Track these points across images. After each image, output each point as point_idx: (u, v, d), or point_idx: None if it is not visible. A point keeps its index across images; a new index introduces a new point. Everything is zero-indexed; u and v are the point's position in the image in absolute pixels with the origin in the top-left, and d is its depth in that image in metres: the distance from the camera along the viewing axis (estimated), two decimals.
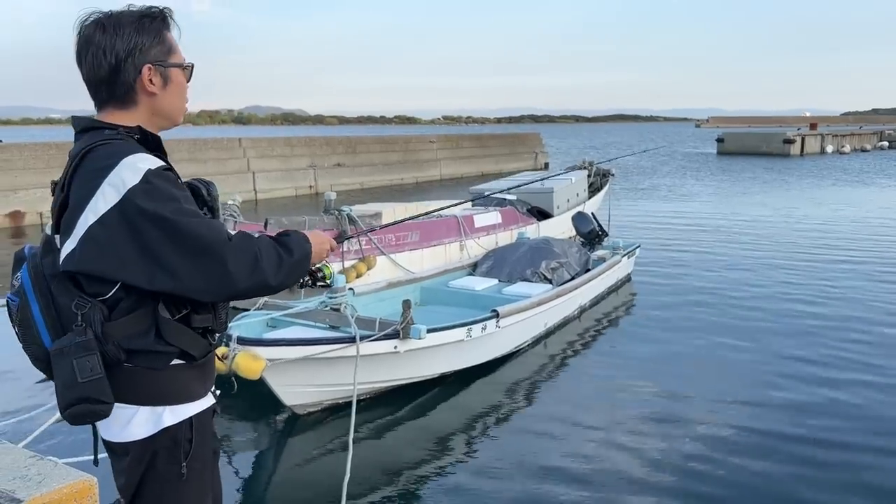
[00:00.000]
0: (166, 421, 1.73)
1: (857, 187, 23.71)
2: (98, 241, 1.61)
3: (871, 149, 51.35)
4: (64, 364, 1.61)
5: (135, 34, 1.70)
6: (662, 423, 5.03)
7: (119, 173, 1.61)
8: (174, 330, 1.71)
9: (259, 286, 1.72)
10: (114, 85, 1.71)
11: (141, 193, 1.60)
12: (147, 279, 1.62)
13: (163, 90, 1.76)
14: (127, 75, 1.70)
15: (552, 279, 7.68)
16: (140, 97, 1.74)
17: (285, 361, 4.77)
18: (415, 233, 8.74)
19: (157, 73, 1.74)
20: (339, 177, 23.53)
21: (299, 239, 1.84)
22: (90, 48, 1.69)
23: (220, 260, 1.64)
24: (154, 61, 1.73)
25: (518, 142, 34.26)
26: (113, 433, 1.76)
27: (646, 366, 6.18)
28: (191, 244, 1.62)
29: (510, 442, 4.84)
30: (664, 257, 10.99)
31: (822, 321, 7.47)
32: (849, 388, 5.65)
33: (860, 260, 10.75)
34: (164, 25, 1.76)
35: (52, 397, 5.36)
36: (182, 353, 1.74)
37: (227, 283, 1.66)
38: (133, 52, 1.69)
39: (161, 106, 1.78)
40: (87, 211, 1.61)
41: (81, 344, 1.61)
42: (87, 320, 1.63)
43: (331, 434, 4.94)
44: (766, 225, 14.67)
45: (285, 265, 1.76)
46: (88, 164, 1.65)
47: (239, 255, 1.67)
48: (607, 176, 15.37)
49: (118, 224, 1.60)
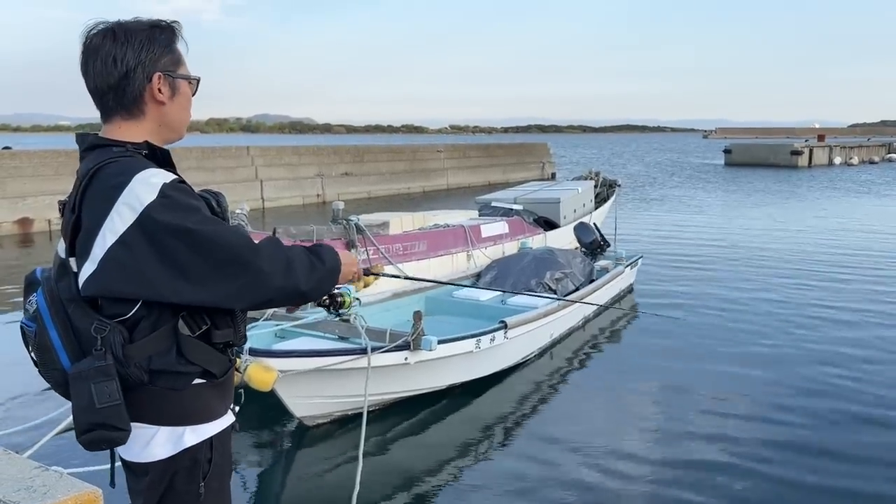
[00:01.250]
0: (187, 441, 1.71)
1: (866, 200, 23.62)
2: (120, 261, 1.57)
3: (880, 161, 51.19)
4: (82, 388, 1.58)
5: (146, 42, 1.68)
6: (667, 434, 5.01)
7: (133, 190, 1.57)
8: (195, 348, 1.67)
9: (291, 290, 1.69)
10: (123, 93, 1.68)
11: (160, 208, 1.56)
12: (177, 294, 1.59)
13: (171, 100, 1.74)
14: (137, 83, 1.68)
15: (556, 289, 7.67)
16: (148, 107, 1.72)
17: (296, 373, 4.76)
18: (422, 242, 8.74)
19: (166, 82, 1.72)
20: (346, 185, 23.59)
21: (331, 251, 1.82)
22: (99, 56, 1.66)
23: (251, 264, 1.61)
24: (164, 70, 1.71)
25: (525, 151, 34.30)
26: (133, 453, 1.74)
27: (649, 377, 6.16)
28: (219, 252, 1.59)
29: (519, 454, 4.82)
30: (669, 268, 10.96)
31: (829, 334, 7.43)
32: (853, 401, 5.60)
33: (867, 273, 10.70)
34: (173, 37, 1.75)
35: (57, 407, 5.38)
36: (203, 373, 1.71)
37: (260, 287, 1.63)
38: (144, 61, 1.68)
39: (168, 116, 1.76)
40: (103, 231, 1.57)
41: (100, 369, 1.58)
42: (106, 344, 1.59)
43: (340, 446, 4.93)
44: (772, 237, 14.62)
45: (317, 272, 1.74)
46: (99, 184, 1.61)
47: (272, 258, 1.64)
48: (614, 186, 15.35)
49: (140, 242, 1.56)
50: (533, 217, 11.20)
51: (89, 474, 4.25)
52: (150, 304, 1.62)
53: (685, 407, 5.47)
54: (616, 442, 4.89)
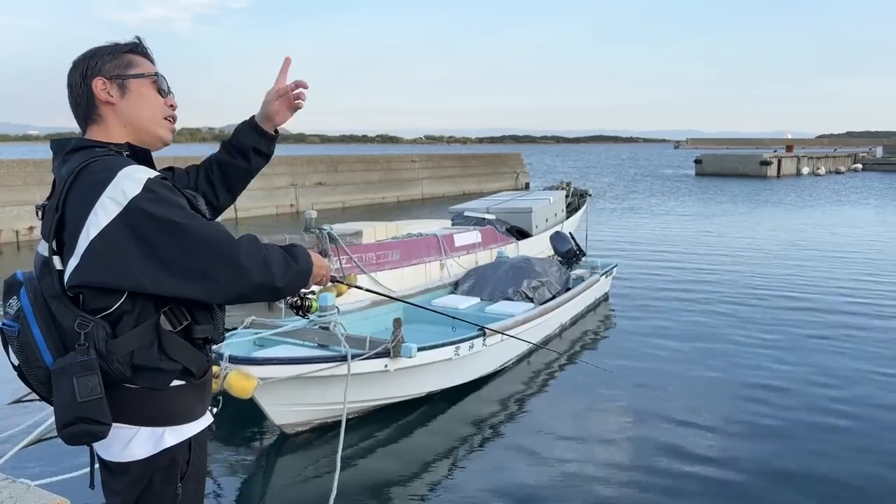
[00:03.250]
0: (167, 441, 1.74)
1: (832, 208, 24.09)
2: (102, 252, 1.61)
3: (846, 171, 52.25)
4: (64, 383, 1.60)
5: (89, 59, 1.79)
6: (640, 440, 5.08)
7: (118, 185, 1.62)
8: (175, 344, 1.72)
9: (267, 285, 1.74)
10: (79, 108, 1.80)
11: (144, 201, 1.61)
12: (158, 285, 1.63)
13: (122, 99, 1.80)
14: (84, 94, 1.79)
15: (533, 298, 7.74)
16: (103, 110, 1.79)
17: (277, 380, 4.74)
18: (395, 251, 8.76)
19: (113, 83, 1.79)
20: (320, 195, 23.53)
21: (304, 252, 1.88)
22: (68, 86, 1.81)
23: (231, 260, 1.67)
24: (108, 75, 1.79)
25: (499, 162, 34.48)
26: (113, 453, 1.75)
27: (625, 383, 6.23)
28: (201, 246, 1.65)
29: (497, 460, 4.85)
30: (640, 276, 11.09)
31: (796, 336, 7.60)
32: (823, 401, 5.74)
33: (833, 277, 10.93)
34: (124, 48, 1.84)
35: (24, 419, 5.31)
36: (183, 372, 1.75)
37: (238, 282, 1.68)
38: (87, 73, 1.78)
39: (126, 114, 1.81)
40: (87, 225, 1.62)
41: (83, 363, 1.61)
42: (89, 339, 1.63)
43: (319, 454, 4.92)
44: (741, 244, 14.86)
45: (291, 270, 1.79)
46: (84, 180, 1.66)
47: (250, 254, 1.70)
48: (585, 196, 15.53)
49: (122, 233, 1.60)
50: (505, 226, 11.29)
51: (56, 485, 4.21)
52: (133, 297, 1.66)
53: (659, 414, 5.55)
54: (592, 448, 4.95)
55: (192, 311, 1.74)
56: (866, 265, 12.34)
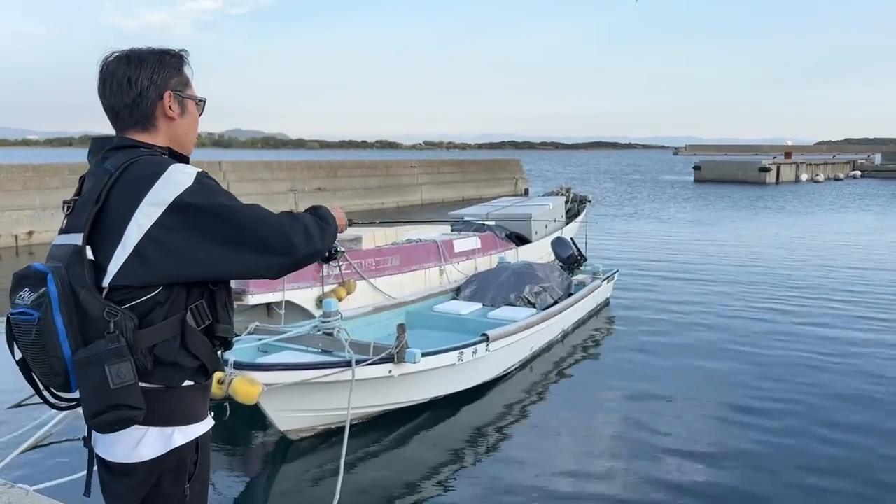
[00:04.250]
0: (176, 441, 1.76)
1: (833, 215, 24.11)
2: (162, 243, 1.67)
3: (844, 177, 52.30)
4: (93, 372, 1.62)
5: (157, 65, 1.85)
6: (642, 446, 5.07)
7: (170, 178, 1.71)
8: (198, 340, 1.78)
9: (313, 252, 1.88)
10: (137, 109, 1.83)
11: (195, 192, 1.71)
12: (221, 265, 1.74)
13: (180, 117, 1.89)
14: (150, 100, 1.83)
15: (535, 303, 7.73)
16: (160, 122, 1.86)
17: (281, 386, 4.73)
18: (395, 257, 8.75)
19: (175, 100, 1.87)
20: (319, 201, 23.25)
21: (327, 210, 2.06)
22: (115, 78, 1.82)
23: (283, 234, 1.80)
24: (174, 89, 1.87)
25: (498, 167, 34.50)
26: (120, 454, 1.76)
27: (627, 388, 6.23)
28: (255, 226, 1.76)
29: (500, 466, 4.84)
30: (641, 282, 11.09)
31: (794, 341, 7.60)
32: (819, 407, 5.74)
33: (830, 283, 10.92)
34: (181, 62, 1.93)
35: (22, 424, 5.28)
36: (196, 371, 1.80)
37: (292, 254, 1.82)
38: (156, 81, 1.84)
39: (178, 132, 1.90)
40: (136, 216, 1.67)
41: (115, 350, 1.63)
42: (119, 328, 1.65)
43: (322, 459, 4.90)
44: (740, 251, 14.87)
45: (327, 232, 1.95)
46: (133, 174, 1.72)
47: (294, 227, 1.84)
48: (584, 202, 15.51)
49: (179, 223, 1.68)
50: (505, 232, 11.28)
51: (55, 490, 4.19)
52: (169, 289, 1.72)
53: (660, 420, 5.55)
54: (595, 455, 4.94)
55: (216, 310, 1.81)
56: (868, 275, 12.30)
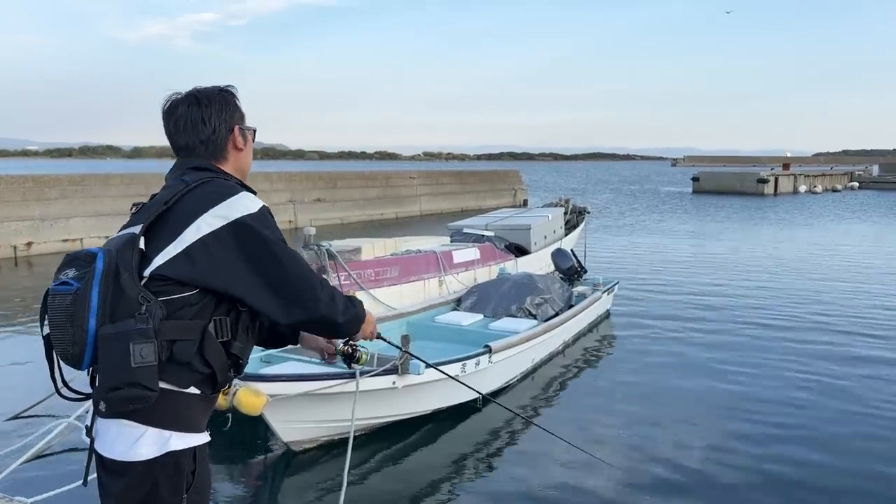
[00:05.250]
0: (172, 445, 1.82)
1: (831, 226, 24.15)
2: (209, 249, 1.82)
3: (842, 189, 52.41)
4: (117, 348, 1.71)
5: (224, 104, 2.06)
6: (643, 455, 5.07)
7: (240, 200, 1.89)
8: (214, 350, 1.87)
9: (330, 319, 1.99)
10: (212, 145, 2.03)
11: (256, 220, 1.88)
12: (248, 293, 1.86)
13: (244, 148, 2.11)
14: (222, 137, 2.04)
15: (536, 315, 7.73)
16: (230, 154, 2.07)
17: (285, 397, 4.73)
18: (394, 268, 8.75)
19: (240, 134, 2.09)
20: (318, 212, 23.54)
21: (361, 303, 2.16)
22: (188, 119, 2.01)
23: (312, 289, 1.93)
24: (239, 124, 2.09)
25: (497, 178, 34.56)
26: (117, 451, 1.82)
27: (628, 402, 6.22)
28: (292, 270, 1.90)
29: (502, 478, 4.83)
30: (641, 294, 11.09)
31: (794, 352, 7.58)
32: (822, 418, 5.73)
33: (833, 298, 10.92)
34: (236, 98, 2.13)
35: (20, 436, 5.26)
36: (205, 379, 1.88)
37: (312, 307, 1.93)
38: (225, 118, 2.05)
39: (242, 161, 2.12)
40: (198, 222, 1.83)
41: (142, 331, 1.73)
42: (149, 312, 1.75)
43: (325, 471, 4.89)
44: (740, 262, 14.88)
45: (350, 312, 2.05)
46: (207, 189, 1.90)
47: (325, 289, 1.98)
48: (583, 213, 15.53)
49: (231, 239, 1.83)
50: (504, 243, 11.28)
51: (52, 502, 4.17)
52: (203, 294, 1.85)
53: (662, 433, 5.54)
54: (597, 468, 4.91)
55: (237, 330, 1.93)
56: (869, 287, 12.29)
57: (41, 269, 14.26)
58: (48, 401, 5.69)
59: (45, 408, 5.73)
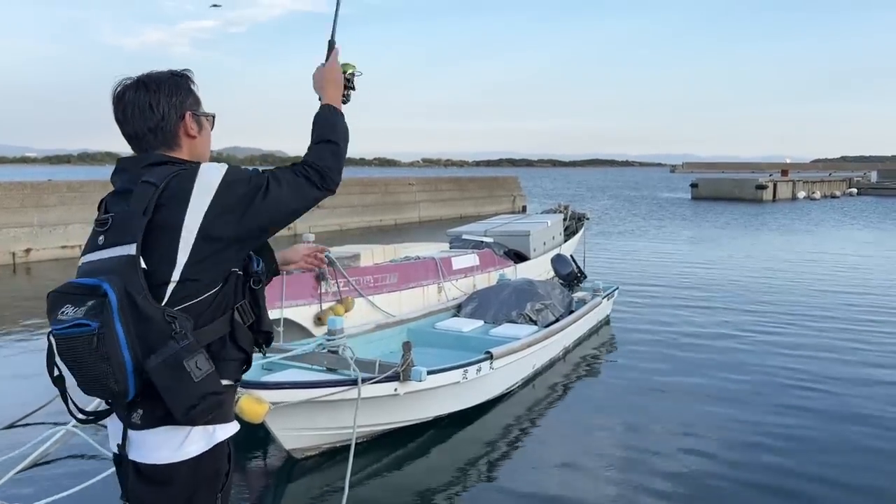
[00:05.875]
0: (218, 437, 1.88)
1: (831, 232, 24.17)
2: (222, 214, 1.81)
3: (841, 195, 52.49)
4: (174, 373, 1.70)
5: (174, 88, 1.98)
6: (647, 464, 5.04)
7: (206, 172, 1.85)
8: (245, 335, 1.93)
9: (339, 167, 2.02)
10: (161, 132, 1.95)
11: (234, 172, 1.87)
12: (282, 204, 1.89)
13: (199, 135, 2.03)
14: (172, 123, 1.96)
15: (537, 320, 7.72)
16: (182, 141, 1.99)
17: (287, 404, 4.71)
18: (393, 275, 8.74)
19: (193, 119, 2.01)
20: (317, 218, 23.54)
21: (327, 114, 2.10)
22: (135, 105, 1.93)
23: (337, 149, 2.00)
24: (191, 109, 2.01)
25: (496, 185, 34.60)
26: (164, 455, 1.81)
27: (630, 409, 6.19)
28: (290, 172, 1.93)
29: (505, 485, 4.80)
30: (640, 301, 11.07)
31: (794, 359, 7.56)
32: (820, 425, 5.71)
33: (830, 301, 10.92)
34: (191, 82, 2.06)
35: (17, 445, 5.23)
36: (239, 366, 1.93)
37: (332, 177, 1.98)
38: (175, 103, 1.97)
39: (197, 149, 2.03)
40: (188, 217, 1.78)
41: (187, 347, 1.73)
42: (182, 327, 1.75)
43: (327, 478, 4.86)
44: (738, 268, 14.87)
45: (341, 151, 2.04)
46: (178, 184, 1.83)
47: (327, 156, 1.99)
48: (583, 220, 15.53)
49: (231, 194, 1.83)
50: (503, 249, 11.28)
51: None
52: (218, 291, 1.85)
53: (664, 440, 5.51)
54: (600, 475, 4.90)
55: (259, 306, 1.97)
56: (874, 299, 12.21)
57: (40, 275, 14.24)
58: (45, 408, 5.67)
59: (42, 415, 5.71)
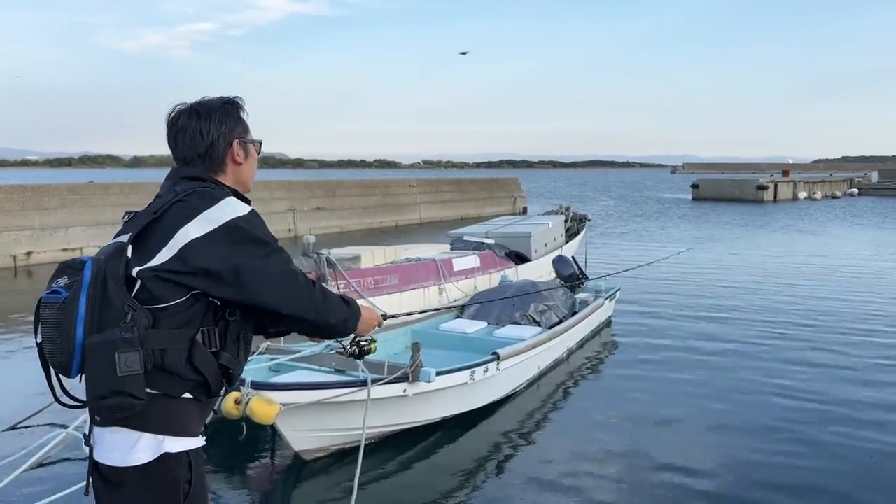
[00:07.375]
0: (167, 447, 1.83)
1: (833, 233, 24.15)
2: (208, 248, 1.83)
3: (842, 195, 52.45)
4: (103, 357, 1.72)
5: (224, 116, 2.05)
6: (651, 465, 5.04)
7: (229, 203, 1.91)
8: (204, 359, 1.88)
9: (323, 319, 2.02)
10: (210, 158, 2.03)
11: (248, 221, 1.91)
12: (241, 290, 1.87)
13: (245, 161, 2.11)
14: (220, 150, 2.04)
15: (540, 322, 7.71)
16: (228, 167, 2.07)
17: (297, 406, 4.71)
18: (394, 276, 8.74)
19: (241, 147, 2.08)
20: (318, 220, 23.55)
21: (355, 302, 2.19)
22: (187, 132, 2.02)
23: (304, 286, 1.98)
24: (239, 137, 2.08)
25: (497, 186, 34.60)
26: (114, 458, 1.83)
27: (634, 409, 6.18)
28: (284, 268, 1.95)
29: (512, 486, 4.80)
30: (642, 302, 11.06)
31: (794, 362, 7.54)
32: (822, 430, 5.69)
33: (834, 304, 10.90)
34: (241, 110, 2.13)
35: (18, 446, 5.23)
36: (197, 386, 1.88)
37: (305, 306, 1.97)
38: (224, 131, 2.04)
39: (242, 174, 2.11)
40: (186, 228, 1.83)
41: (127, 340, 1.73)
42: (134, 321, 1.76)
43: (336, 479, 4.86)
44: (739, 268, 14.87)
45: (345, 311, 2.10)
46: (193, 198, 1.90)
47: (315, 288, 2.02)
48: (584, 221, 15.52)
49: (223, 240, 1.84)
50: (504, 251, 11.28)
51: None
52: (190, 304, 1.85)
53: (668, 442, 5.51)
54: (605, 476, 4.90)
55: (226, 340, 1.93)
56: (881, 305, 12.09)
57: (41, 278, 14.24)
58: (47, 410, 5.66)
59: (43, 417, 5.71)
